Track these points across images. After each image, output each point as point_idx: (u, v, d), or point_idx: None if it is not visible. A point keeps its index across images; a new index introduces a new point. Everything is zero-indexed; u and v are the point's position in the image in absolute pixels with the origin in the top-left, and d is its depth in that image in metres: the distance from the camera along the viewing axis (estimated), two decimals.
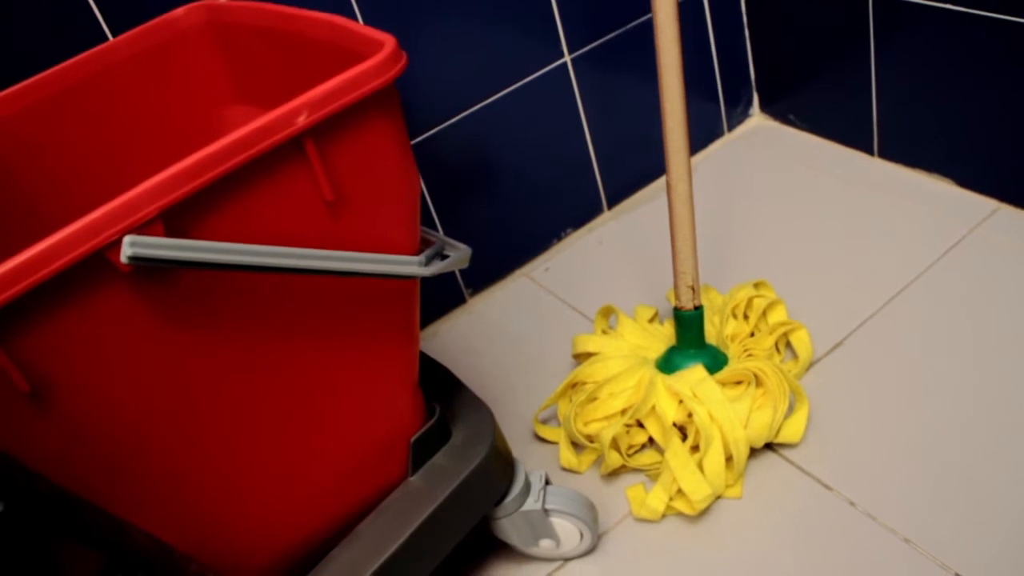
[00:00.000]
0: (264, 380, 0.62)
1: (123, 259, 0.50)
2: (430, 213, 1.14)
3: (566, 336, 1.10)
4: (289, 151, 0.56)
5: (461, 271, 1.21)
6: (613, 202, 1.31)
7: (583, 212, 1.29)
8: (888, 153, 1.20)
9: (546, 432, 0.98)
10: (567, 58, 1.17)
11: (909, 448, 0.86)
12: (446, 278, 1.20)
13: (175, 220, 0.52)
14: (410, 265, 0.63)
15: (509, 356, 1.11)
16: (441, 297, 1.21)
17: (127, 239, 0.50)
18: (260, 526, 0.67)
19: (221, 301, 0.57)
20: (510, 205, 1.21)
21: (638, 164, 1.31)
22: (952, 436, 0.86)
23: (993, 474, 0.82)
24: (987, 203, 1.10)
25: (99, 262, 0.50)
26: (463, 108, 1.11)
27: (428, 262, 0.65)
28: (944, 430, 0.87)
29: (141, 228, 0.51)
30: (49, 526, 0.51)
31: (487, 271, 1.24)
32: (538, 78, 1.16)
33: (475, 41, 1.08)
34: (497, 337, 1.15)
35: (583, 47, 1.17)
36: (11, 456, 0.51)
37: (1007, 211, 1.08)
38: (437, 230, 1.16)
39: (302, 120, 0.55)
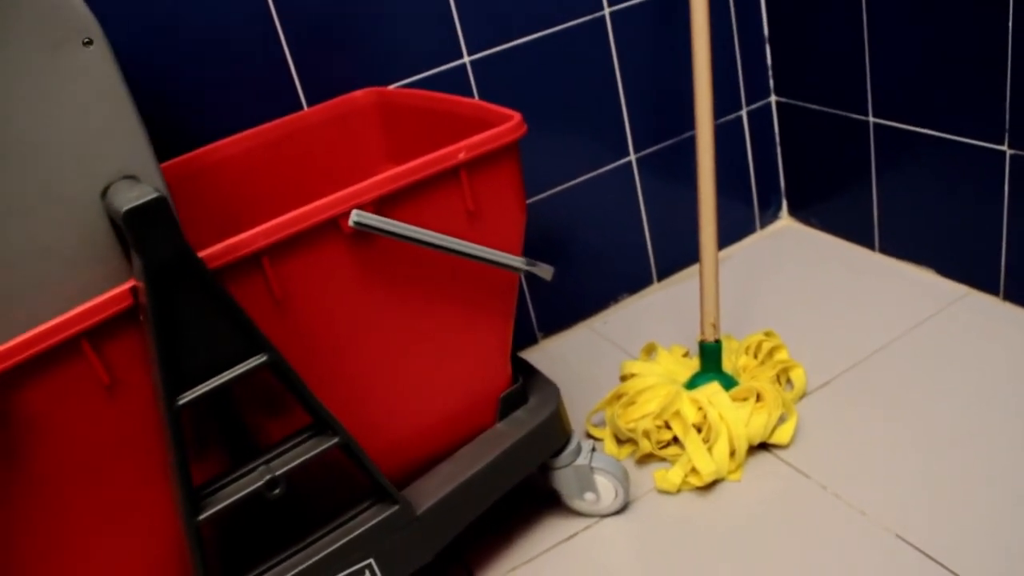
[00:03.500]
0: (413, 328, 0.92)
1: (350, 223, 0.82)
2: None
3: (616, 369, 1.39)
4: (450, 175, 0.88)
5: (537, 318, 1.51)
6: (662, 276, 1.61)
7: (637, 281, 1.59)
8: (886, 249, 1.50)
9: (595, 431, 1.26)
10: (632, 157, 1.50)
11: (870, 453, 1.12)
12: (524, 323, 1.50)
13: (380, 207, 0.84)
14: (517, 261, 0.94)
15: (570, 382, 1.40)
16: (519, 338, 1.51)
17: (354, 212, 0.82)
18: (399, 438, 0.96)
19: (399, 265, 0.88)
20: (577, 271, 1.52)
21: (685, 247, 1.62)
22: (904, 448, 1.12)
23: (936, 467, 1.07)
24: (959, 288, 1.38)
25: (332, 225, 0.82)
26: (546, 189, 1.44)
27: (527, 264, 0.96)
28: (898, 443, 1.13)
29: (361, 208, 0.83)
30: (288, 382, 0.81)
31: (556, 320, 1.54)
32: (608, 171, 1.48)
33: (559, 140, 1.42)
34: (561, 368, 1.44)
35: (646, 149, 1.50)
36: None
37: (974, 296, 1.36)
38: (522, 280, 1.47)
39: (462, 156, 0.87)
